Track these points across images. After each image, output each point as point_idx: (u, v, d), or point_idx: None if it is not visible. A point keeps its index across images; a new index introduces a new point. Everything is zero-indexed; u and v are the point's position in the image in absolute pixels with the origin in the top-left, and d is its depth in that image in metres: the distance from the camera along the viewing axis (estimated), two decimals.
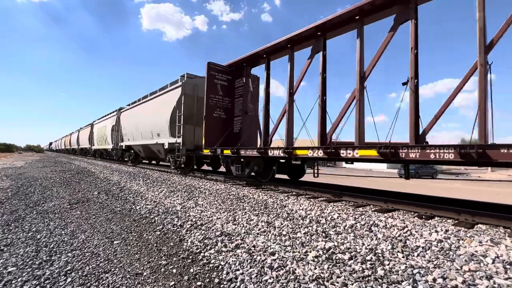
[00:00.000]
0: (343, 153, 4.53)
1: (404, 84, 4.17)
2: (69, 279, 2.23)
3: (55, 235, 3.38)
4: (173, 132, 9.30)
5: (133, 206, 4.72)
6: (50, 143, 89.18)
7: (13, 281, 2.24)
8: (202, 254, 2.61)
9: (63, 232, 3.47)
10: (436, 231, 2.85)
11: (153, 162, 14.99)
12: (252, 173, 7.02)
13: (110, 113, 18.62)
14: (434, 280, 1.92)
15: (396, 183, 17.36)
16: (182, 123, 8.87)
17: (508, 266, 2.03)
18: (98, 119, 22.33)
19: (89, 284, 2.15)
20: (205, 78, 8.03)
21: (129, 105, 15.02)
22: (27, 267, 2.50)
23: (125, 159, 15.99)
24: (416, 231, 2.87)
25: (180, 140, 8.90)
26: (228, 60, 8.37)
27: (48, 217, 4.22)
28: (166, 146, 9.75)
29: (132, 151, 14.70)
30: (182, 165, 9.53)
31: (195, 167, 10.17)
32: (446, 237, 2.66)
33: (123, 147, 15.32)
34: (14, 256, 2.76)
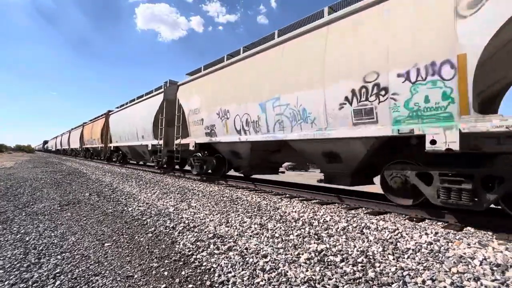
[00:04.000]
0: None
1: None
2: (57, 282, 2.19)
3: (44, 237, 3.32)
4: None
5: (125, 208, 4.67)
6: (45, 142, 73.25)
7: (0, 284, 2.19)
8: (194, 256, 2.60)
9: (52, 234, 3.41)
10: (426, 234, 2.90)
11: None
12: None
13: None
14: (424, 282, 1.95)
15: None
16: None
17: (495, 268, 2.07)
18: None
19: (78, 287, 2.12)
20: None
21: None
22: (14, 269, 2.45)
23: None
24: (406, 234, 2.91)
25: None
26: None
27: (38, 219, 4.14)
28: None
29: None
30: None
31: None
32: (436, 240, 2.71)
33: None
34: (2, 258, 2.70)
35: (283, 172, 7.03)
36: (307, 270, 2.19)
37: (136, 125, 11.95)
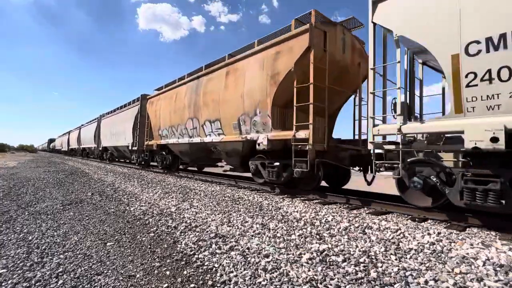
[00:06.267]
0: None
1: None
2: (60, 281, 2.20)
3: (47, 236, 3.33)
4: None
5: (127, 208, 4.68)
6: (51, 140, 64.09)
7: (3, 283, 2.20)
8: (196, 256, 2.60)
9: (55, 234, 3.42)
10: (429, 234, 2.88)
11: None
12: None
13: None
14: (426, 282, 1.94)
15: None
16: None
17: (498, 269, 2.06)
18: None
19: (80, 286, 2.13)
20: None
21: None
22: (17, 269, 2.46)
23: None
24: (409, 234, 2.90)
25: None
26: None
27: (41, 218, 4.16)
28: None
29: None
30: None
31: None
32: (439, 240, 2.69)
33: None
34: (5, 257, 2.72)
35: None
36: (309, 270, 2.18)
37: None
